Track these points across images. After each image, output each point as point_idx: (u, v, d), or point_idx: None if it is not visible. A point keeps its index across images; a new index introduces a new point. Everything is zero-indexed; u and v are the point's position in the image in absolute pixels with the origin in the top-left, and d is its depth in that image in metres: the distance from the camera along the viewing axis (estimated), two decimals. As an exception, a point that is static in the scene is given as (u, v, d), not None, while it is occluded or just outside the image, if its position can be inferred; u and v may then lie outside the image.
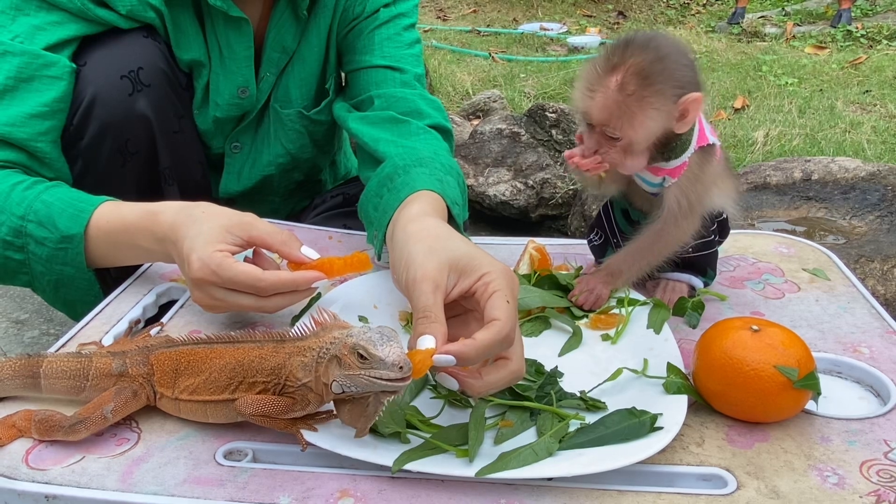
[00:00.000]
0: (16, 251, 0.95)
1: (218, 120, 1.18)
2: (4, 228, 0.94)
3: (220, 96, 1.16)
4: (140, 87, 1.05)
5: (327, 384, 0.64)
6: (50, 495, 0.64)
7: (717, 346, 0.73)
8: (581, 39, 4.44)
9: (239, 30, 1.12)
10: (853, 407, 0.76)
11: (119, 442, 0.71)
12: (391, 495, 0.64)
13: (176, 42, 1.11)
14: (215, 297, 0.83)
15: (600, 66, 0.80)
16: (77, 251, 0.93)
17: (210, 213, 0.86)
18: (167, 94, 1.10)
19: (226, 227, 0.83)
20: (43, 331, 1.64)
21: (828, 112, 3.01)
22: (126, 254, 0.94)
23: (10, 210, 0.94)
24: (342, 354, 0.62)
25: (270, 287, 0.82)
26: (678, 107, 0.80)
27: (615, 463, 0.64)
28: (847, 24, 4.66)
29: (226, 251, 0.82)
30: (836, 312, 0.92)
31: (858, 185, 1.76)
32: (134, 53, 1.05)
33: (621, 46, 0.80)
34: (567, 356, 0.84)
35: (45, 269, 0.95)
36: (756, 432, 0.71)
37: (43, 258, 0.94)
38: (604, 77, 0.80)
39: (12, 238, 0.94)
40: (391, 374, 0.60)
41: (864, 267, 1.44)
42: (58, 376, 0.74)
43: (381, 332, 0.62)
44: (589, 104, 0.81)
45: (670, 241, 0.88)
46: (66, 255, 0.93)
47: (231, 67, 1.14)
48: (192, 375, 0.71)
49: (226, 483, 0.65)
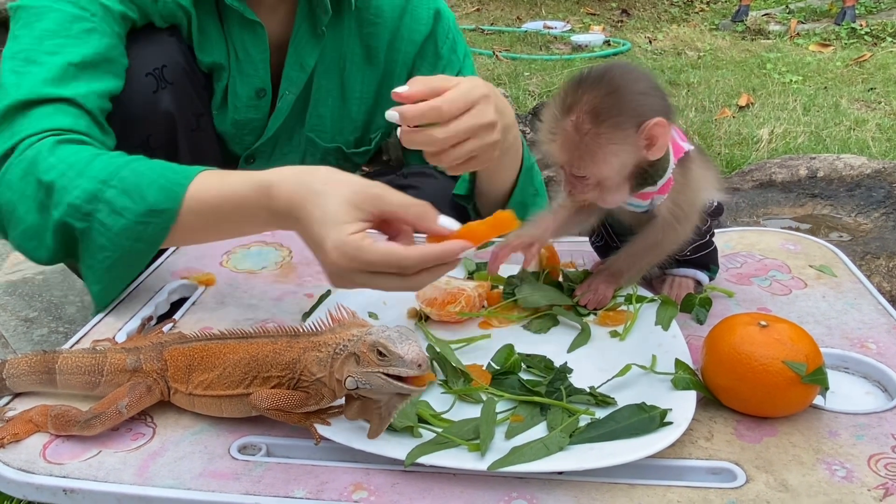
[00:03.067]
0: (80, 219, 0.87)
1: (237, 123, 1.20)
2: (78, 191, 0.87)
3: (238, 99, 1.18)
4: (164, 84, 1.07)
5: (340, 380, 0.65)
6: (68, 489, 0.65)
7: (726, 341, 0.73)
8: (585, 37, 4.44)
9: (254, 33, 1.14)
10: (860, 402, 0.77)
11: (134, 437, 0.72)
12: (404, 489, 0.65)
13: (199, 44, 1.13)
14: (356, 282, 0.76)
15: (557, 108, 0.80)
16: (162, 227, 0.87)
17: (332, 182, 0.78)
18: (188, 92, 1.12)
19: (354, 203, 0.75)
20: (52, 329, 1.65)
21: (832, 110, 3.01)
22: (226, 228, 0.89)
23: (92, 174, 0.87)
24: (361, 352, 0.63)
25: (416, 265, 0.74)
26: (641, 136, 0.78)
27: (625, 457, 0.65)
28: (851, 22, 4.65)
29: (360, 231, 0.74)
30: (843, 308, 0.93)
31: (864, 183, 1.76)
32: (159, 51, 1.07)
33: (574, 86, 0.80)
34: (576, 353, 0.85)
35: (112, 243, 0.87)
36: (764, 427, 0.72)
37: (114, 231, 0.87)
38: (561, 119, 0.80)
39: (83, 202, 0.87)
40: (409, 372, 0.61)
41: (869, 264, 1.45)
42: (73, 372, 0.75)
43: (399, 332, 0.63)
44: (551, 147, 0.81)
45: (669, 243, 0.89)
46: (145, 230, 0.87)
47: (248, 70, 1.16)
48: (206, 371, 0.72)
49: (241, 477, 0.66)
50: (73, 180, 0.87)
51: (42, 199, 0.89)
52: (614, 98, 0.78)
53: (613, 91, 0.78)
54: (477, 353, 0.84)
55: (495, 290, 0.95)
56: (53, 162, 0.89)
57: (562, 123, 0.80)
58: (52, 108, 0.94)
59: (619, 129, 0.78)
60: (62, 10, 0.99)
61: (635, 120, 0.78)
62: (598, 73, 0.80)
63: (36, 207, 0.90)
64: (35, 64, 0.96)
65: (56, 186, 0.88)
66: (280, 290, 1.00)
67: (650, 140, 0.79)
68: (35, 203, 0.90)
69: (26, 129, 0.92)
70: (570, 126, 0.79)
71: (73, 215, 0.87)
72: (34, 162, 0.90)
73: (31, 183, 0.89)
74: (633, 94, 0.79)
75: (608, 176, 0.81)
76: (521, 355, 0.82)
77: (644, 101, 0.79)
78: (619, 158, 0.80)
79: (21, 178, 0.90)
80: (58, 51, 0.97)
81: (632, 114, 0.78)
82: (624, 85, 0.79)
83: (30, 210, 0.90)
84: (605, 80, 0.79)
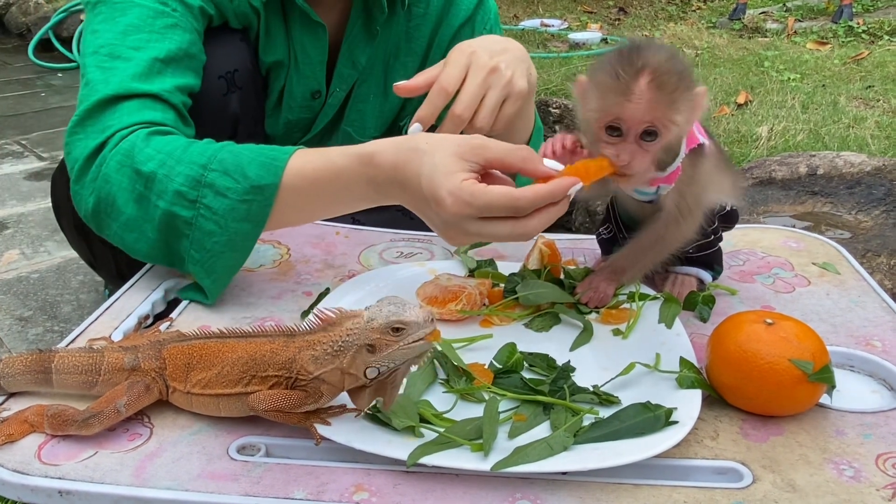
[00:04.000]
0: (187, 206, 0.87)
1: (289, 123, 1.20)
2: (181, 178, 0.87)
3: (294, 99, 1.18)
4: (234, 88, 1.08)
5: (355, 374, 0.65)
6: (63, 490, 0.64)
7: (731, 339, 0.72)
8: (582, 35, 4.42)
9: (315, 35, 1.14)
10: (867, 400, 0.76)
11: (131, 437, 0.71)
12: (406, 489, 0.64)
13: (264, 45, 1.13)
14: (470, 232, 0.76)
15: (622, 71, 0.79)
16: (265, 204, 0.86)
17: (434, 141, 0.79)
18: (252, 98, 1.13)
19: (459, 154, 0.77)
20: (47, 328, 1.64)
21: (831, 107, 3.01)
22: (326, 204, 0.88)
23: (191, 160, 0.88)
24: (374, 339, 0.63)
25: (530, 203, 0.75)
26: (695, 100, 0.80)
27: (630, 457, 0.64)
28: (848, 20, 4.65)
29: (470, 178, 0.75)
30: (848, 306, 0.92)
31: (864, 180, 1.76)
32: (232, 55, 1.08)
33: (634, 51, 0.79)
34: (578, 351, 0.84)
35: (219, 226, 0.87)
36: (770, 426, 0.71)
37: (220, 213, 0.87)
38: (632, 81, 0.78)
39: (188, 188, 0.87)
40: (427, 330, 0.62)
41: (870, 262, 1.44)
42: (70, 371, 0.73)
43: (392, 302, 0.63)
44: (625, 108, 0.79)
45: (672, 240, 0.88)
46: (249, 208, 0.86)
47: (305, 71, 1.16)
48: (205, 369, 0.71)
49: (240, 478, 0.65)
50: (173, 168, 0.87)
51: (141, 191, 0.89)
52: (676, 61, 0.79)
53: (673, 56, 0.79)
54: (479, 351, 0.83)
55: (496, 287, 0.95)
56: (150, 153, 0.89)
57: (635, 83, 0.78)
58: (140, 102, 0.94)
59: (688, 90, 0.79)
60: (145, 6, 0.99)
61: (692, 85, 0.80)
62: (646, 42, 0.81)
63: (135, 199, 0.89)
64: (120, 59, 0.96)
65: (157, 176, 0.88)
66: (278, 289, 0.98)
67: (697, 104, 0.80)
68: (134, 195, 0.89)
69: (117, 124, 0.92)
70: (647, 85, 0.78)
71: (179, 203, 0.87)
72: (129, 154, 0.89)
73: (129, 175, 0.89)
74: (685, 62, 0.81)
75: (677, 136, 0.82)
76: (524, 354, 0.81)
77: (691, 70, 0.81)
78: (686, 118, 0.80)
79: (117, 171, 0.90)
80: (142, 46, 0.97)
81: (690, 79, 0.80)
82: (676, 53, 0.81)
83: (128, 202, 0.90)
84: (659, 47, 0.80)
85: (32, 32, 4.28)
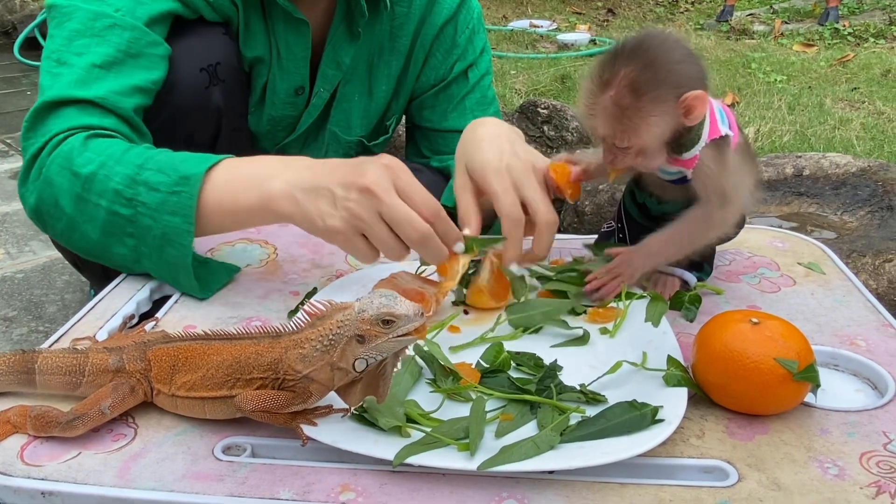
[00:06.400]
0: (125, 204, 0.90)
1: (273, 120, 1.20)
2: (119, 177, 0.90)
3: (277, 95, 1.18)
4: (216, 81, 1.08)
5: (344, 367, 0.64)
6: (46, 491, 0.64)
7: (717, 338, 0.73)
8: (571, 36, 4.44)
9: (298, 31, 1.14)
10: (851, 399, 0.77)
11: (115, 437, 0.70)
12: (392, 489, 0.63)
13: (244, 39, 1.12)
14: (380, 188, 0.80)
15: (594, 83, 0.81)
16: (190, 194, 0.88)
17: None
18: (236, 92, 1.13)
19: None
20: (31, 328, 1.62)
21: (817, 109, 3.03)
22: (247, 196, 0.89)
23: (129, 160, 0.91)
24: (363, 330, 0.63)
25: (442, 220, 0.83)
26: (680, 106, 0.79)
27: (617, 455, 0.64)
28: (834, 22, 4.69)
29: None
30: (832, 306, 0.93)
31: (849, 181, 1.77)
32: (214, 48, 1.08)
33: (610, 60, 0.80)
34: (566, 350, 0.84)
35: (154, 220, 0.89)
36: (756, 424, 0.71)
37: (152, 207, 0.89)
38: (599, 94, 0.80)
39: (124, 187, 0.90)
40: (416, 324, 0.63)
41: (856, 262, 1.45)
42: (53, 372, 0.73)
43: (383, 295, 0.64)
44: (592, 122, 0.82)
45: (712, 226, 0.87)
46: (177, 199, 0.88)
47: (289, 67, 1.16)
48: (190, 372, 0.70)
49: (225, 478, 0.65)
50: (112, 168, 0.90)
51: (80, 192, 0.92)
52: (652, 71, 0.78)
53: (650, 63, 0.78)
54: (466, 351, 0.83)
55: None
56: (89, 156, 0.92)
57: (601, 99, 0.80)
58: (78, 109, 0.97)
59: (659, 101, 0.79)
60: (86, 9, 1.00)
61: (675, 91, 0.79)
62: (633, 45, 0.80)
63: (75, 200, 0.92)
64: (65, 65, 0.99)
65: (97, 177, 0.91)
66: (265, 288, 0.98)
67: (688, 110, 0.79)
68: (74, 196, 0.92)
69: (55, 128, 0.95)
70: (610, 101, 0.79)
71: (118, 201, 0.90)
72: (68, 157, 0.92)
73: (68, 177, 0.92)
74: (669, 64, 0.79)
75: (649, 145, 0.82)
76: (511, 353, 0.81)
77: (681, 70, 0.79)
78: (660, 129, 0.81)
79: (58, 174, 0.93)
80: (84, 51, 0.99)
81: (671, 85, 0.79)
82: (660, 56, 0.79)
83: (70, 203, 0.93)
84: (640, 53, 0.79)
85: (18, 30, 4.24)
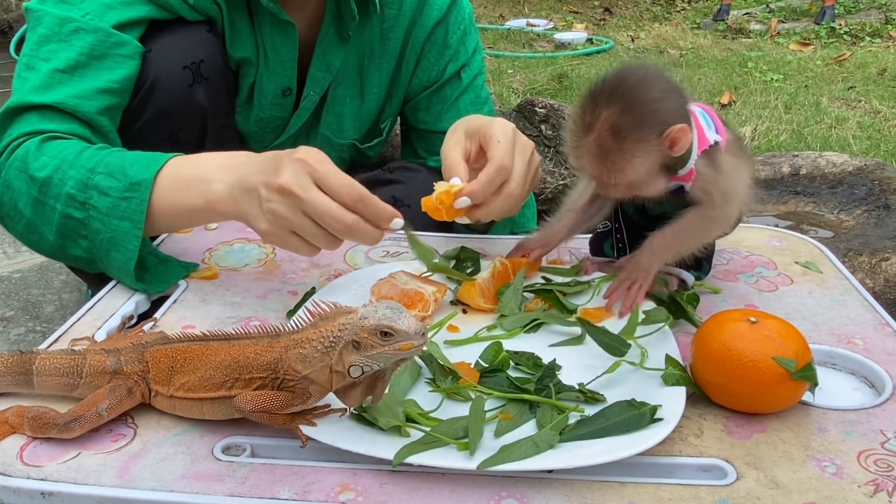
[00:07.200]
0: (78, 207, 0.91)
1: (261, 120, 1.20)
2: (72, 182, 0.91)
3: (264, 96, 1.18)
4: (200, 79, 1.08)
5: (341, 371, 0.64)
6: (46, 492, 0.64)
7: (715, 337, 0.73)
8: (568, 35, 4.44)
9: (285, 32, 1.14)
10: (848, 398, 0.77)
11: (115, 438, 0.70)
12: (392, 489, 0.63)
13: (230, 39, 1.12)
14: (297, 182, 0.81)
15: (577, 126, 0.82)
16: (141, 199, 0.90)
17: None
18: (222, 90, 1.12)
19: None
20: (29, 328, 1.62)
21: (813, 108, 3.04)
22: (193, 199, 0.90)
23: (81, 164, 0.92)
24: (361, 338, 0.63)
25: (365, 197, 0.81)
26: (664, 142, 0.80)
27: (616, 454, 0.64)
28: (830, 21, 4.70)
29: None
30: (830, 305, 0.93)
31: (846, 180, 1.78)
32: (197, 46, 1.08)
33: (591, 103, 0.81)
34: (564, 349, 0.84)
35: (103, 224, 0.91)
36: (754, 423, 0.71)
37: (103, 211, 0.90)
38: (583, 138, 0.81)
39: (76, 191, 0.91)
40: (416, 342, 0.62)
41: (852, 261, 1.45)
42: (51, 373, 0.73)
43: (389, 307, 0.63)
44: (578, 163, 0.84)
45: (715, 223, 0.89)
46: (128, 205, 0.90)
47: (276, 68, 1.16)
48: (188, 373, 0.70)
49: (225, 478, 0.65)
50: (66, 172, 0.92)
51: (37, 196, 0.94)
52: (632, 112, 0.79)
53: (630, 105, 0.79)
54: (464, 350, 0.83)
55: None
56: (45, 160, 0.93)
57: (584, 142, 0.81)
58: (39, 114, 0.98)
59: (642, 142, 0.80)
60: (54, 14, 1.01)
61: (657, 129, 0.80)
62: (611, 86, 0.80)
63: (32, 203, 0.94)
64: (33, 70, 1.01)
65: (53, 181, 0.92)
66: (263, 288, 0.98)
67: (672, 143, 0.80)
68: (31, 199, 0.94)
69: (15, 132, 0.98)
70: (593, 144, 0.81)
71: (71, 205, 0.92)
72: (24, 160, 0.94)
73: (26, 181, 0.94)
74: (649, 103, 0.80)
75: (636, 180, 0.83)
76: (510, 353, 0.81)
77: (662, 108, 0.80)
78: (646, 166, 0.82)
79: (17, 177, 0.95)
80: (51, 56, 1.01)
81: (653, 123, 0.80)
82: (639, 96, 0.80)
83: (27, 206, 0.95)
84: (619, 94, 0.80)
85: (14, 29, 4.24)
